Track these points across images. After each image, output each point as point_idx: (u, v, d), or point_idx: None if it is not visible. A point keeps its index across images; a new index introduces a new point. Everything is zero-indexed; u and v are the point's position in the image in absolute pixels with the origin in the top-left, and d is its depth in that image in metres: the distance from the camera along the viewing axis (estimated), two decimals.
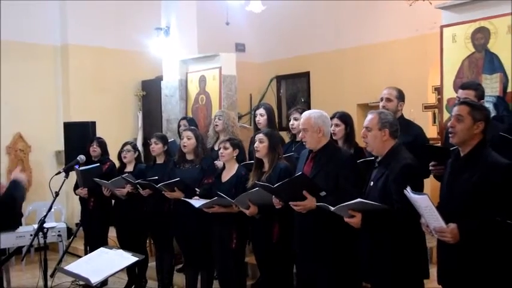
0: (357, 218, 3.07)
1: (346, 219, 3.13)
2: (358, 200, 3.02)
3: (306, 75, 9.27)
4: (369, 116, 3.27)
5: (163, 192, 4.69)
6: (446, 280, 2.95)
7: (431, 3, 5.88)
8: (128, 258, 3.39)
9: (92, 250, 4.46)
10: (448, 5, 4.42)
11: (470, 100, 3.18)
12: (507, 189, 2.67)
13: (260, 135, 4.07)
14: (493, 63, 4.07)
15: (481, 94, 3.72)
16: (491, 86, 4.00)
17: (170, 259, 5.29)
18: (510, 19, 3.98)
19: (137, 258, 3.40)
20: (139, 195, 5.06)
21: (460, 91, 3.76)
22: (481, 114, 2.85)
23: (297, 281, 4.07)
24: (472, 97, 3.63)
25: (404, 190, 2.79)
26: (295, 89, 9.61)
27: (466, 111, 2.84)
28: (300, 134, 3.74)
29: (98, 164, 5.60)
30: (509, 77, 3.97)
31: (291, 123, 4.68)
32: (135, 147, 5.53)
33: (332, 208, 3.14)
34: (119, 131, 7.99)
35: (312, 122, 3.58)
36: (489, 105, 3.89)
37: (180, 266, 5.64)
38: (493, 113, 3.88)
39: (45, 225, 4.22)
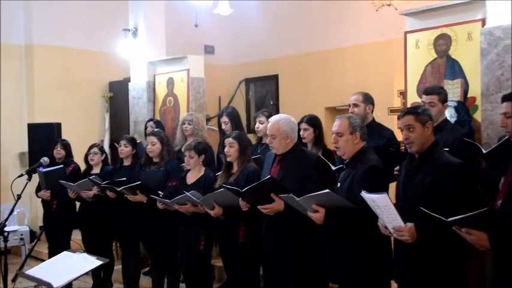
0: (320, 214, 3.10)
1: (309, 214, 3.16)
2: (326, 190, 3.03)
3: (275, 78, 9.30)
4: (338, 122, 3.28)
5: (125, 195, 4.66)
6: (401, 277, 3.02)
7: (396, 9, 6.00)
8: (92, 262, 3.33)
9: (55, 254, 4.37)
10: (412, 11, 4.51)
11: (410, 108, 3.28)
12: (460, 188, 2.76)
13: (230, 139, 4.06)
14: (454, 69, 4.17)
15: (444, 98, 3.81)
16: (453, 91, 4.10)
17: (136, 262, 5.23)
18: (470, 27, 4.09)
19: (102, 262, 3.34)
20: (105, 197, 5.00)
21: (424, 96, 3.84)
22: (426, 115, 2.97)
23: (263, 283, 4.09)
24: (436, 101, 3.74)
25: (360, 193, 2.84)
26: (263, 91, 9.63)
27: (412, 119, 2.94)
28: (267, 140, 3.72)
29: (61, 166, 5.49)
30: (469, 83, 4.08)
31: (256, 126, 4.69)
32: (102, 150, 5.45)
33: (297, 198, 3.16)
34: (85, 132, 7.88)
35: (281, 129, 3.60)
36: (451, 110, 3.99)
37: (147, 269, 5.58)
38: (454, 117, 3.99)
39: (6, 228, 4.11)
